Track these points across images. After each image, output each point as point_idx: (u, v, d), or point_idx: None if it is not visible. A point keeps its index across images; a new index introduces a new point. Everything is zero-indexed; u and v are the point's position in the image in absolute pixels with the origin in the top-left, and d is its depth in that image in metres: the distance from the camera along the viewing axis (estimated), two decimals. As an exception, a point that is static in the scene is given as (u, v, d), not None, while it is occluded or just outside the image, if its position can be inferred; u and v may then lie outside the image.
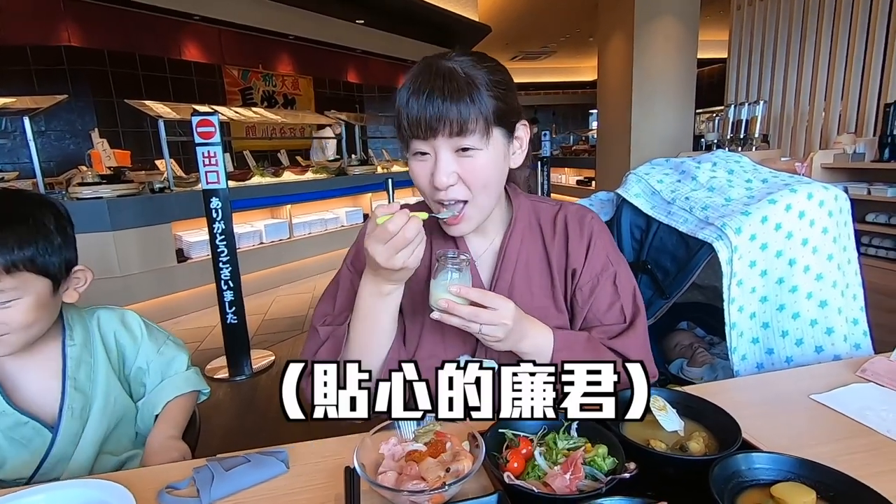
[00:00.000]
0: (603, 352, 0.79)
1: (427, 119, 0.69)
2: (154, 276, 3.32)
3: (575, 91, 15.11)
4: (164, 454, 0.82)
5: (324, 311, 0.84)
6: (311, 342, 0.82)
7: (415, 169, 0.75)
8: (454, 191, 0.73)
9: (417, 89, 0.70)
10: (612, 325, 0.83)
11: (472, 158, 0.72)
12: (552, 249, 0.84)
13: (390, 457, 0.60)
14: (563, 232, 0.85)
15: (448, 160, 0.71)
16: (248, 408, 2.32)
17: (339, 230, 4.78)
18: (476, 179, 0.73)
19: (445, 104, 0.68)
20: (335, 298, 0.85)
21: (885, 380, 0.81)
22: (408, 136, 0.72)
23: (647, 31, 6.71)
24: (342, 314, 0.82)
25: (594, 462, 0.57)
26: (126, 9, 5.31)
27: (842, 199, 1.05)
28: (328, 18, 6.96)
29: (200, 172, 2.42)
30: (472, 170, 0.72)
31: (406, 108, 0.70)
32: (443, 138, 0.70)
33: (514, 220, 0.84)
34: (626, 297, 0.84)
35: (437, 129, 0.69)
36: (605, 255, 0.84)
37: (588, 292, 0.83)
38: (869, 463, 0.62)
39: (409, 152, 0.74)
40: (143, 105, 3.68)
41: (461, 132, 0.69)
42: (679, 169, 1.22)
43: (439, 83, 0.69)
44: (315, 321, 0.83)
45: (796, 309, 1.00)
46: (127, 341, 0.92)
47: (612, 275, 0.84)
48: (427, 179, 0.73)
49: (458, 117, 0.68)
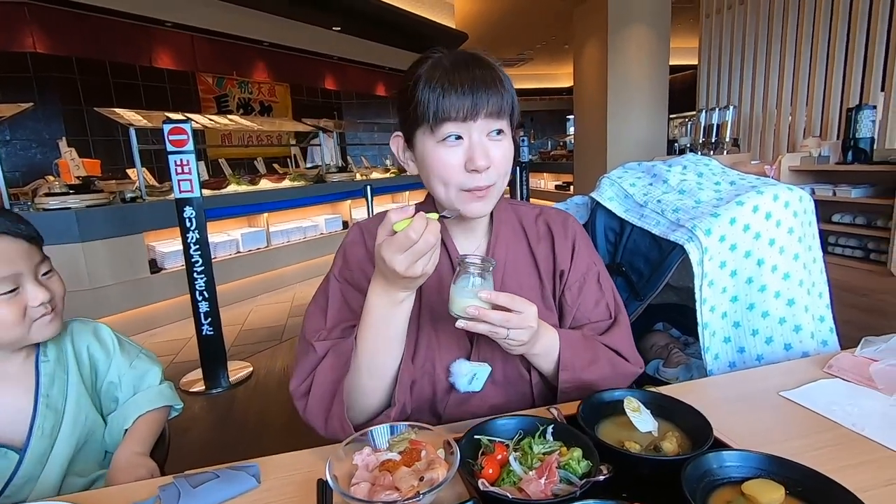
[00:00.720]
0: (599, 347, 0.81)
1: (472, 99, 0.68)
2: (126, 288, 3.23)
3: (552, 97, 15.32)
4: (130, 471, 0.79)
5: (316, 327, 0.78)
6: (306, 359, 0.75)
7: (443, 156, 0.71)
8: (489, 174, 0.71)
9: (453, 72, 0.68)
10: (600, 321, 0.86)
11: (501, 142, 0.72)
12: (538, 251, 0.86)
13: (364, 467, 0.59)
14: (547, 234, 0.87)
15: (486, 142, 0.71)
16: (224, 421, 2.27)
17: (318, 238, 4.73)
18: (503, 164, 0.73)
19: (486, 86, 0.69)
20: (326, 312, 0.79)
21: (850, 375, 0.83)
22: (441, 119, 0.68)
23: (621, 38, 6.85)
24: (337, 328, 0.77)
25: (569, 466, 0.57)
26: (95, 15, 5.18)
27: (806, 199, 1.08)
28: (304, 25, 6.91)
29: (173, 181, 2.37)
30: (502, 154, 0.72)
31: (442, 90, 0.68)
32: (482, 120, 0.70)
33: (499, 221, 0.84)
34: (609, 294, 0.88)
35: (478, 111, 0.69)
36: (588, 256, 0.87)
37: (577, 291, 0.85)
38: (835, 457, 0.63)
39: (434, 139, 0.70)
40: (113, 113, 3.59)
41: (499, 114, 0.70)
42: (651, 172, 1.24)
43: (475, 67, 0.69)
44: (308, 336, 0.77)
45: (765, 308, 1.02)
46: (100, 355, 0.90)
47: (597, 274, 0.87)
48: (459, 165, 0.70)
49: (497, 98, 0.69)
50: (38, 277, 0.78)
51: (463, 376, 0.77)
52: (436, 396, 0.80)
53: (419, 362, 0.79)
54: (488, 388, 0.79)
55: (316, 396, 0.72)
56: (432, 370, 0.79)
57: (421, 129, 0.71)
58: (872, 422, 0.69)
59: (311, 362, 0.75)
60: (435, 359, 0.79)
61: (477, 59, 0.71)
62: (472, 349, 0.80)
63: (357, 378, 0.71)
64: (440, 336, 0.80)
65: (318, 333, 0.77)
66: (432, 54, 0.73)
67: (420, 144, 0.73)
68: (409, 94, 0.71)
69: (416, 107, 0.70)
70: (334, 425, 0.69)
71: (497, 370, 0.80)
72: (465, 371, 0.77)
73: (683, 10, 7.43)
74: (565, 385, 0.77)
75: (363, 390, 0.72)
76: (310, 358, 0.75)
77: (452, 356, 0.79)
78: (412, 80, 0.71)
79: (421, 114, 0.70)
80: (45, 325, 0.78)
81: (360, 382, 0.71)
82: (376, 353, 0.71)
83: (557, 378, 0.77)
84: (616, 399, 0.69)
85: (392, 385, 0.73)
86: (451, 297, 0.68)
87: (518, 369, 0.81)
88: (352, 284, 0.80)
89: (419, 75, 0.70)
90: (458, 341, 0.80)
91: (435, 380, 0.79)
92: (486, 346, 0.79)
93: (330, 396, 0.71)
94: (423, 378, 0.79)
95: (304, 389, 0.74)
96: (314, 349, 0.75)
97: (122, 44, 5.53)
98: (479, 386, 0.78)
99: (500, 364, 0.80)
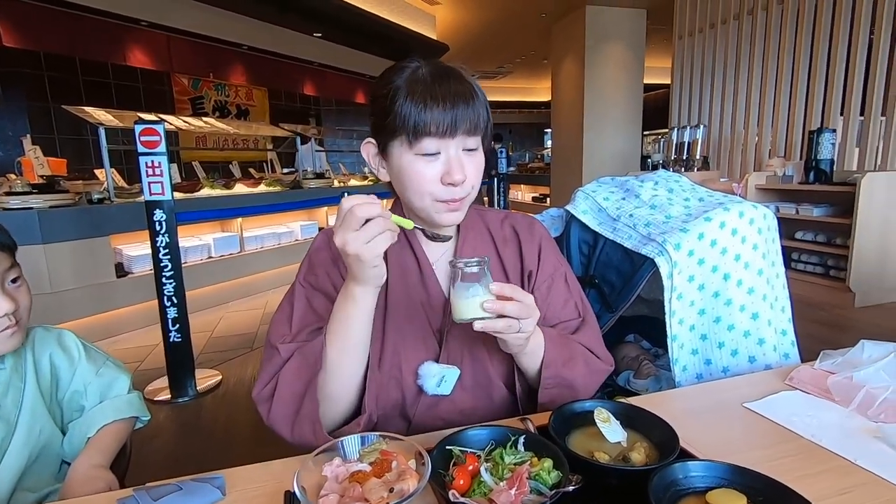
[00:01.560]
0: (574, 345, 0.82)
1: (452, 115, 0.69)
2: (90, 292, 3.12)
3: (530, 110, 15.58)
4: (87, 485, 0.76)
5: (281, 333, 0.77)
6: (270, 363, 0.74)
7: (420, 169, 0.71)
8: (463, 187, 0.73)
9: (434, 87, 0.69)
10: (570, 320, 0.87)
11: (475, 157, 0.74)
12: (504, 253, 0.87)
13: (333, 478, 0.58)
14: (513, 238, 0.89)
15: (462, 156, 0.72)
16: (190, 431, 2.20)
17: (293, 244, 4.67)
18: (476, 177, 0.75)
19: (466, 103, 0.70)
20: (291, 318, 0.78)
21: (809, 387, 0.86)
22: (420, 134, 0.69)
23: (597, 55, 7.04)
24: (302, 332, 0.76)
25: (539, 476, 0.57)
26: (66, 10, 5.03)
27: (770, 217, 1.12)
28: (285, 30, 6.87)
29: (143, 183, 2.30)
30: (475, 167, 0.74)
31: (424, 105, 0.68)
32: (460, 137, 0.71)
33: (465, 227, 0.85)
34: (577, 294, 0.89)
35: (458, 128, 0.70)
36: (554, 257, 0.89)
37: (546, 291, 0.86)
38: (795, 467, 0.65)
39: (411, 152, 0.71)
40: (82, 111, 3.48)
41: (475, 131, 0.72)
42: (624, 187, 1.27)
43: (455, 82, 0.70)
44: (272, 340, 0.76)
45: (731, 321, 1.05)
46: (63, 363, 0.86)
47: (563, 274, 0.89)
48: (436, 178, 0.71)
49: (474, 116, 0.71)
50: (5, 285, 0.74)
51: (431, 377, 0.77)
52: (405, 401, 0.79)
53: (385, 367, 0.78)
54: (457, 393, 0.79)
55: (281, 400, 0.70)
56: (399, 374, 0.78)
57: (398, 140, 0.71)
58: (830, 433, 0.72)
59: (274, 365, 0.73)
60: (402, 362, 0.78)
61: (456, 75, 0.72)
62: (441, 351, 0.79)
63: (323, 383, 0.70)
64: (407, 339, 0.79)
65: (282, 338, 0.75)
66: (409, 64, 0.73)
67: (396, 155, 0.73)
68: (386, 104, 0.71)
69: (395, 118, 0.70)
70: (303, 429, 0.68)
71: (466, 374, 0.80)
72: (434, 373, 0.77)
73: (658, 31, 7.69)
74: (548, 382, 0.77)
75: (329, 395, 0.71)
76: (274, 361, 0.73)
77: (420, 359, 0.79)
78: (389, 90, 0.71)
79: (399, 126, 0.70)
80: (6, 339, 0.75)
81: (326, 387, 0.70)
82: (339, 354, 0.70)
83: (538, 378, 0.77)
84: (587, 410, 0.70)
85: (358, 392, 0.72)
86: (454, 304, 0.66)
87: (487, 373, 0.81)
88: (316, 289, 0.80)
89: (398, 86, 0.70)
90: (426, 343, 0.80)
91: (403, 383, 0.78)
92: (456, 349, 0.80)
93: (297, 399, 0.69)
94: (391, 382, 0.78)
95: (267, 393, 0.71)
96: (278, 352, 0.73)
97: (94, 41, 5.38)
98: (447, 390, 0.78)
99: (469, 368, 0.80)
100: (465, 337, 0.79)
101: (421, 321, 0.80)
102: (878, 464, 0.65)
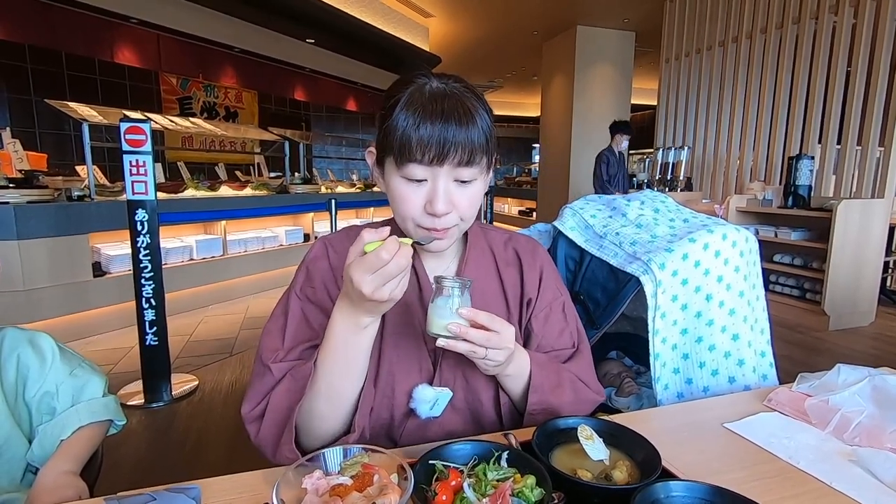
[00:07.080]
0: (564, 371, 0.81)
1: (440, 146, 0.65)
2: (64, 291, 3.03)
3: (519, 125, 15.76)
4: (56, 492, 0.73)
5: (273, 347, 0.74)
6: (261, 382, 0.71)
7: (405, 193, 0.69)
8: (448, 218, 0.70)
9: (428, 112, 0.65)
10: (564, 349, 0.86)
11: (468, 188, 0.70)
12: (506, 277, 0.85)
13: (313, 492, 0.56)
14: (515, 262, 0.87)
15: (449, 188, 0.68)
16: (164, 438, 2.13)
17: (277, 249, 4.62)
18: (467, 209, 0.71)
19: (460, 132, 0.65)
20: (284, 331, 0.75)
21: (787, 409, 0.87)
22: (406, 159, 0.66)
23: (587, 75, 7.18)
24: (296, 348, 0.74)
25: (522, 493, 0.57)
26: (53, 4, 4.96)
27: (752, 240, 1.15)
28: (277, 35, 6.86)
29: (126, 182, 2.26)
30: (468, 198, 0.70)
31: (414, 130, 0.65)
32: (448, 167, 0.67)
33: (469, 245, 0.84)
34: (573, 323, 0.89)
35: (446, 158, 0.66)
36: (555, 285, 0.88)
37: (543, 319, 0.85)
38: (773, 489, 0.66)
39: (397, 173, 0.69)
40: (65, 106, 3.42)
41: (469, 163, 0.67)
42: (611, 205, 1.29)
43: (452, 110, 0.66)
44: (264, 358, 0.72)
45: (712, 341, 1.07)
46: (33, 362, 0.83)
47: (562, 303, 0.88)
48: (419, 205, 0.68)
49: (470, 147, 0.66)
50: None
51: (426, 402, 0.75)
52: (393, 422, 0.78)
53: (380, 385, 0.76)
54: (447, 414, 0.78)
55: (269, 422, 0.68)
56: (391, 395, 0.77)
57: (389, 157, 0.69)
58: (807, 455, 0.73)
59: (266, 385, 0.71)
60: (395, 383, 0.77)
61: (453, 99, 0.67)
62: (436, 374, 0.78)
63: (314, 402, 0.68)
64: (402, 361, 0.78)
65: (275, 354, 0.73)
66: (416, 78, 0.69)
67: (388, 172, 0.71)
68: (385, 116, 0.69)
69: (388, 134, 0.68)
70: (284, 453, 0.66)
71: (457, 396, 0.79)
72: (429, 398, 0.75)
73: (646, 53, 7.88)
74: (533, 408, 0.76)
75: (320, 415, 0.69)
76: (265, 380, 0.71)
77: (413, 381, 0.77)
78: (390, 103, 0.69)
79: (389, 144, 0.68)
80: None
81: (317, 407, 0.68)
82: (336, 377, 0.68)
83: (525, 400, 0.77)
84: (570, 426, 0.70)
85: (351, 411, 0.70)
86: (429, 318, 0.66)
87: (478, 395, 0.80)
88: (313, 302, 0.77)
89: (397, 100, 0.67)
90: (421, 366, 0.78)
91: (393, 405, 0.77)
92: (449, 372, 0.78)
93: (284, 423, 0.67)
94: (382, 402, 0.77)
95: (257, 414, 0.70)
96: (270, 371, 0.71)
97: (82, 36, 5.28)
98: (439, 411, 0.77)
99: (462, 390, 0.79)
100: (459, 357, 0.78)
101: (417, 339, 0.79)
102: (854, 487, 0.66)
